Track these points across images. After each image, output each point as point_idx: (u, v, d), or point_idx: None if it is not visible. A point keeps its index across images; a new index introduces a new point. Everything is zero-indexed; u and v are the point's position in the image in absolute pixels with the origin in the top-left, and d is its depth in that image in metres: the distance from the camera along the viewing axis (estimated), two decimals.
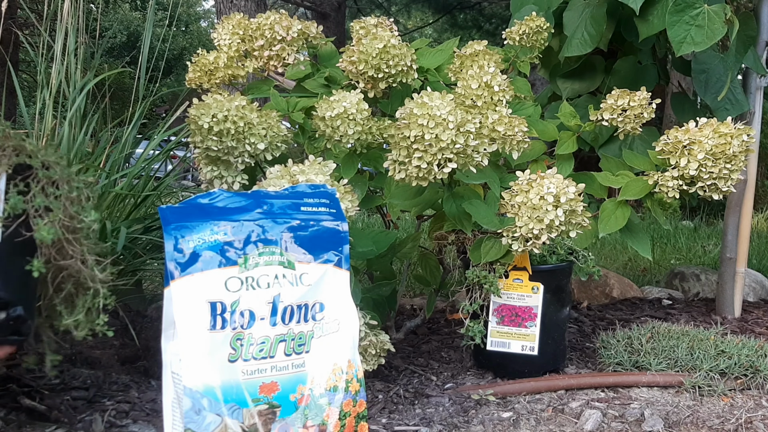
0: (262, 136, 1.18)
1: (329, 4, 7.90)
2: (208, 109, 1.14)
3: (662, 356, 1.40)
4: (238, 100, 1.17)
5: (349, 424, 0.89)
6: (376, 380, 1.29)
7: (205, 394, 0.80)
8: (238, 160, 1.18)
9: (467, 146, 1.13)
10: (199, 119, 1.13)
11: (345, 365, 0.90)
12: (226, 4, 6.06)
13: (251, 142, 1.17)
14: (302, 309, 0.88)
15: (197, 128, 1.14)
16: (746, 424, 1.16)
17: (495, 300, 1.30)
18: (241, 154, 1.17)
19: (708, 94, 1.78)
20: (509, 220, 1.19)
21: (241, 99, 1.18)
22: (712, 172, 1.24)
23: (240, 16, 1.42)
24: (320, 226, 0.91)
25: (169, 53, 13.68)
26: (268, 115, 1.21)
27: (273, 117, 1.21)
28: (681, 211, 6.18)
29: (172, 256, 0.81)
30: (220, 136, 1.14)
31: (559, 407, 1.21)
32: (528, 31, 1.56)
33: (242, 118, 1.16)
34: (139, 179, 1.70)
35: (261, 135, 1.18)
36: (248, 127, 1.16)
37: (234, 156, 1.17)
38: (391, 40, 1.30)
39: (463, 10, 10.79)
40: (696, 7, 1.59)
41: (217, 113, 1.14)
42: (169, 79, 13.32)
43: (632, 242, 1.34)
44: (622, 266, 2.75)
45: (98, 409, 1.10)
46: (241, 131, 1.16)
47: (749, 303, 2.07)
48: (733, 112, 1.77)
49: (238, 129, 1.15)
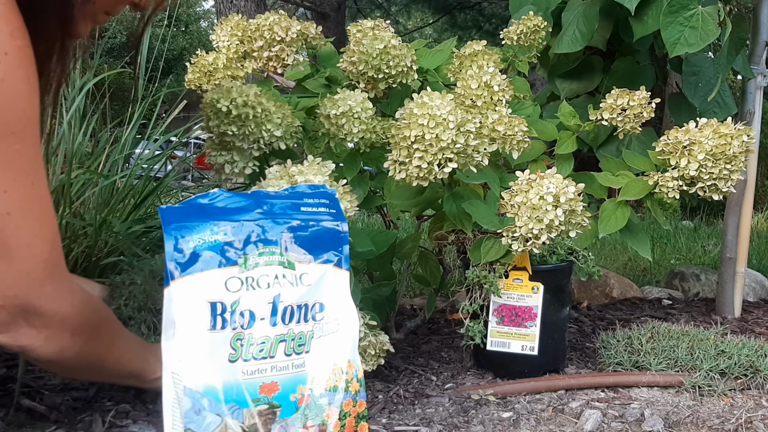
0: (278, 123, 1.20)
1: (329, 5, 7.90)
2: (228, 93, 1.15)
3: (662, 356, 1.40)
4: (255, 89, 1.18)
5: (349, 424, 0.89)
6: (376, 380, 1.29)
7: (206, 394, 0.80)
8: (253, 146, 1.19)
9: (467, 146, 1.13)
10: (218, 102, 1.14)
11: (345, 365, 0.90)
12: (225, 5, 6.06)
13: (267, 129, 1.18)
14: (302, 309, 0.88)
15: (214, 112, 1.14)
16: (746, 424, 1.16)
17: (495, 300, 1.30)
18: (257, 140, 1.19)
19: (697, 96, 1.79)
20: (509, 220, 1.19)
21: (257, 88, 1.20)
22: (712, 173, 1.24)
23: (239, 17, 1.42)
24: (320, 226, 0.91)
25: (169, 53, 13.66)
26: (283, 106, 1.23)
27: (287, 108, 1.23)
28: (681, 211, 6.19)
29: (172, 257, 0.81)
30: (238, 120, 1.16)
31: (559, 407, 1.21)
32: (525, 30, 1.56)
33: (260, 105, 1.17)
34: (139, 179, 1.70)
35: (277, 123, 1.20)
36: (265, 114, 1.18)
37: (249, 142, 1.18)
38: (391, 40, 1.30)
39: (462, 11, 10.80)
40: (690, 8, 1.59)
41: (237, 98, 1.15)
42: (169, 80, 13.31)
43: (632, 242, 1.34)
44: (622, 266, 2.75)
45: (98, 409, 1.10)
46: (259, 117, 1.17)
47: (749, 303, 2.07)
48: (721, 116, 1.78)
49: (256, 114, 1.17)
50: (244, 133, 1.17)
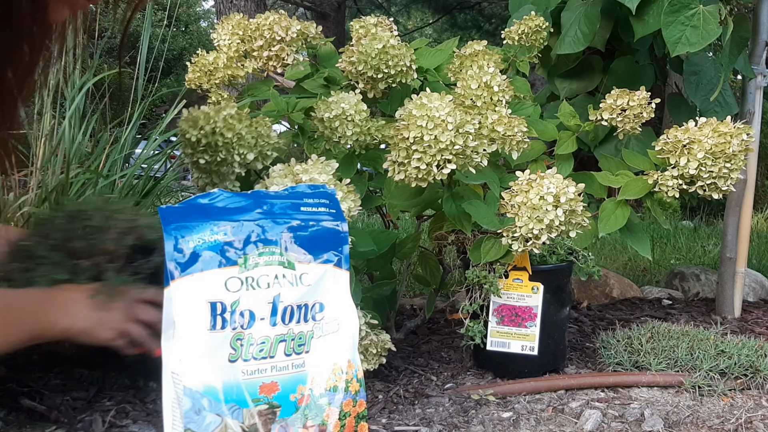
0: (252, 146, 1.16)
1: (329, 4, 7.90)
2: (196, 122, 1.11)
3: (662, 356, 1.40)
4: (227, 110, 1.14)
5: (349, 424, 0.89)
6: (376, 380, 1.29)
7: (206, 394, 0.80)
8: (229, 169, 1.16)
9: (466, 147, 1.13)
10: (187, 133, 1.11)
11: (345, 365, 0.90)
12: (225, 5, 6.06)
13: (240, 153, 1.14)
14: (302, 309, 0.88)
15: (186, 141, 1.12)
16: (746, 424, 1.16)
17: (495, 300, 1.30)
18: (231, 164, 1.15)
19: (698, 96, 1.79)
20: (509, 220, 1.19)
21: (231, 107, 1.15)
22: (711, 172, 1.24)
23: (239, 17, 1.42)
24: (320, 226, 0.91)
25: (169, 53, 13.67)
26: (259, 122, 1.18)
27: (264, 124, 1.18)
28: (681, 210, 6.19)
29: (172, 257, 0.81)
30: (208, 148, 1.12)
31: (559, 407, 1.21)
32: (527, 30, 1.56)
33: (230, 129, 1.13)
34: (139, 179, 1.70)
35: (250, 145, 1.15)
36: (237, 137, 1.13)
37: (224, 167, 1.15)
38: (390, 40, 1.30)
39: (462, 11, 10.80)
40: (691, 7, 1.59)
41: (205, 126, 1.11)
42: (169, 79, 13.32)
43: (632, 242, 1.34)
44: (622, 266, 2.75)
45: (98, 409, 1.10)
46: (231, 143, 1.13)
47: (749, 303, 2.07)
48: (722, 115, 1.77)
49: (226, 141, 1.12)
50: (216, 160, 1.13)
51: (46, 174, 1.59)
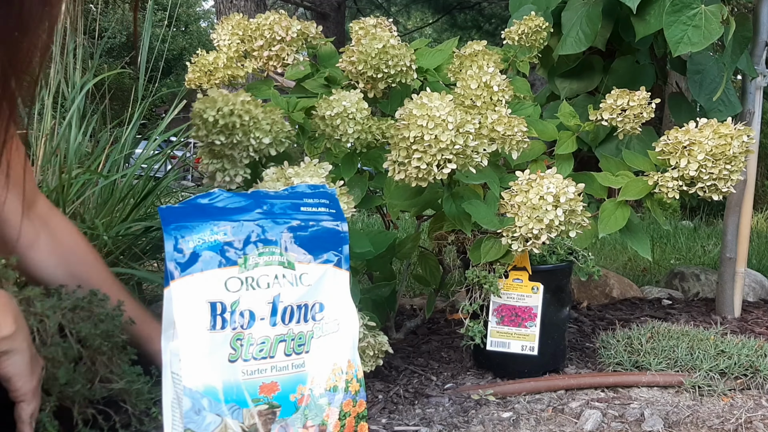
0: (267, 131, 1.17)
1: (329, 4, 7.90)
2: (214, 103, 1.13)
3: (662, 356, 1.40)
4: (243, 96, 1.16)
5: (349, 424, 0.89)
6: (376, 380, 1.29)
7: (205, 395, 0.80)
8: (242, 154, 1.17)
9: (467, 147, 1.13)
10: (204, 113, 1.12)
11: (345, 365, 0.90)
12: (225, 5, 6.06)
13: (256, 137, 1.16)
14: (302, 309, 0.88)
15: (202, 122, 1.13)
16: (746, 424, 1.16)
17: (495, 300, 1.30)
18: (246, 148, 1.17)
19: (702, 95, 1.78)
20: (509, 220, 1.19)
21: (246, 95, 1.17)
22: (712, 173, 1.24)
23: (239, 17, 1.42)
24: (320, 226, 0.91)
25: (169, 53, 13.67)
26: (273, 111, 1.20)
27: (277, 113, 1.21)
28: (681, 211, 6.19)
29: (171, 257, 0.81)
30: (225, 129, 1.14)
31: (559, 407, 1.21)
32: (527, 30, 1.56)
33: (248, 113, 1.15)
34: (139, 179, 1.70)
35: (266, 130, 1.17)
36: (253, 121, 1.15)
37: (238, 150, 1.16)
38: (390, 40, 1.30)
39: (462, 11, 10.81)
40: (693, 7, 1.59)
41: (223, 107, 1.13)
42: (169, 80, 13.33)
43: (632, 242, 1.34)
44: (622, 266, 2.75)
45: None
46: (247, 125, 1.15)
47: (749, 303, 2.07)
48: (726, 114, 1.77)
49: (243, 123, 1.14)
50: (232, 142, 1.15)
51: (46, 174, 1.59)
